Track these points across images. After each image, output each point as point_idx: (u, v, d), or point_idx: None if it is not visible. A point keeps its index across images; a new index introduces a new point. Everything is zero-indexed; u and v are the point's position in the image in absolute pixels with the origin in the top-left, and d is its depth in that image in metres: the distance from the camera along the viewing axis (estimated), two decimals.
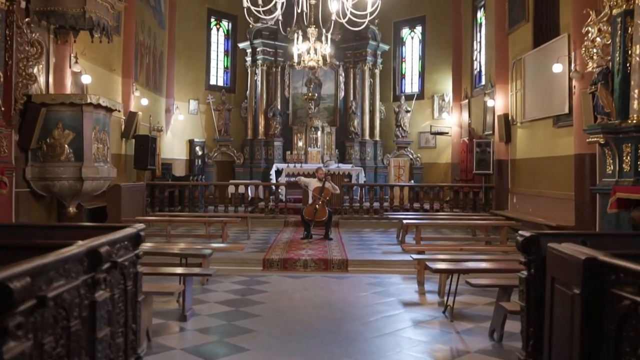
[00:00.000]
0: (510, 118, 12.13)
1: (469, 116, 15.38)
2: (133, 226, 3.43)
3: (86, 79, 9.54)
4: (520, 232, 3.51)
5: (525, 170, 11.45)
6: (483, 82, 14.61)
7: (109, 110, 8.57)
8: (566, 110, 9.37)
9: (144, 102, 12.97)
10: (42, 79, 8.60)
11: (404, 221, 9.19)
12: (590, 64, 7.90)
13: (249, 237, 10.48)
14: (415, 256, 6.62)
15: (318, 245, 9.58)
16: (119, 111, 8.90)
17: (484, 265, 5.78)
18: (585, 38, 7.89)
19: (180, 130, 16.90)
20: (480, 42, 15.08)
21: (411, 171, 16.25)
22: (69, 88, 9.23)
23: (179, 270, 5.32)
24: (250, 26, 17.54)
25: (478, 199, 13.12)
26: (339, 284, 7.20)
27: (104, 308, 2.77)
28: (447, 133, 16.56)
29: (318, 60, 11.02)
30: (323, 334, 4.98)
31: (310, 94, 15.16)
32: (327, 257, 8.39)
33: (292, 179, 15.21)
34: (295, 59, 11.37)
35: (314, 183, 10.66)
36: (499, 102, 12.43)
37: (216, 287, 6.87)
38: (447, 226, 10.90)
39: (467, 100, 15.60)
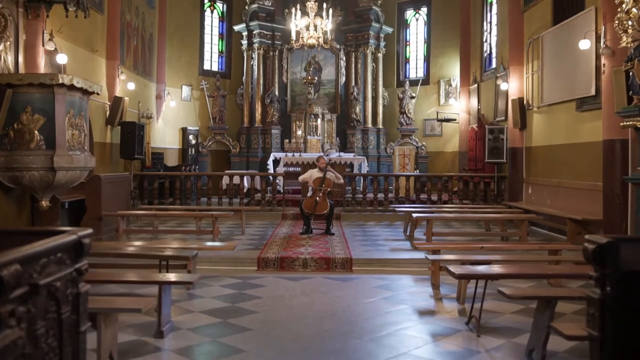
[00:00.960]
0: (525, 102, 11.24)
1: (479, 102, 14.48)
2: (72, 232, 2.57)
3: (62, 59, 8.64)
4: (589, 236, 2.65)
5: (542, 159, 10.58)
6: (494, 65, 13.70)
7: (85, 92, 7.66)
8: (592, 92, 8.48)
9: (131, 86, 12.06)
10: (10, 58, 7.72)
11: (414, 215, 8.33)
12: (624, 38, 7.00)
13: (244, 232, 9.64)
14: (431, 257, 5.77)
15: (319, 242, 8.74)
16: (98, 94, 8.01)
17: (514, 269, 4.92)
18: (619, 9, 7.00)
19: (172, 117, 16.00)
20: (490, 22, 14.14)
21: (416, 160, 15.37)
22: (42, 68, 8.34)
23: (153, 277, 4.47)
24: (246, 7, 16.65)
25: (489, 189, 12.27)
26: (342, 288, 6.36)
27: (15, 353, 1.92)
28: (455, 120, 15.67)
29: (318, 38, 10.08)
30: (326, 356, 4.14)
31: (309, 77, 14.22)
32: (329, 255, 7.55)
33: (291, 169, 14.40)
34: (293, 36, 10.41)
35: (314, 174, 9.79)
36: (513, 86, 11.53)
37: (203, 292, 6.02)
38: (461, 219, 10.05)
39: (476, 85, 14.69)
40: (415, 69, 17.57)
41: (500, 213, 9.26)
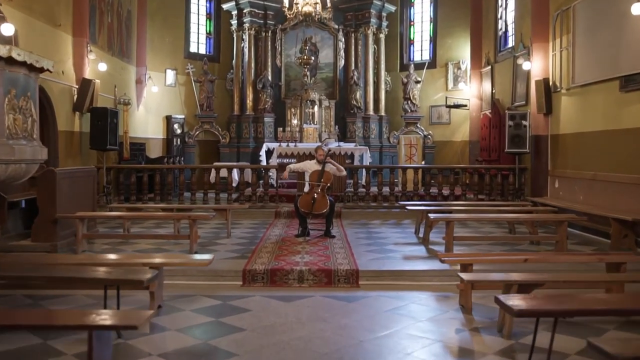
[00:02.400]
0: (551, 84, 9.88)
1: (492, 85, 13.10)
2: None
3: (7, 29, 7.21)
4: None
5: (572, 148, 9.24)
6: (511, 44, 12.32)
7: (33, 68, 6.27)
8: None
9: (102, 67, 10.62)
10: None
11: (431, 215, 6.97)
12: None
13: (229, 234, 8.27)
14: (466, 277, 4.40)
15: (317, 247, 7.38)
16: (50, 71, 6.60)
17: (596, 303, 3.55)
18: None
19: (155, 104, 14.57)
20: None
21: (423, 151, 14.00)
22: None
23: (82, 317, 3.09)
24: None
25: (507, 183, 10.92)
26: (349, 313, 5.01)
27: None
28: (466, 106, 14.29)
29: (316, 4, 8.63)
30: None
31: (305, 57, 12.75)
32: (330, 266, 6.20)
33: (286, 161, 13.03)
34: (286, 3, 8.94)
35: (311, 166, 8.44)
36: (536, 65, 10.16)
37: (169, 321, 4.67)
38: (486, 220, 8.68)
39: (489, 67, 13.30)
40: (421, 51, 16.16)
41: (530, 212, 7.92)
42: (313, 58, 13.94)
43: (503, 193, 10.99)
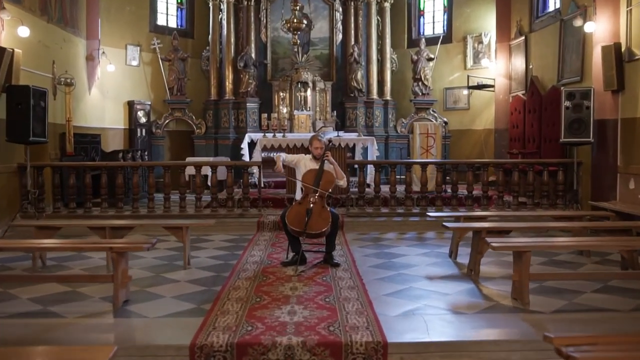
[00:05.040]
0: (623, 51, 7.41)
1: (527, 60, 10.60)
2: None
3: None
4: None
5: None
6: (553, 7, 9.84)
7: None
8: None
9: (24, 32, 7.97)
10: None
11: (493, 243, 4.43)
12: None
13: (188, 263, 5.75)
14: None
15: (315, 287, 4.87)
16: None
17: None
18: None
19: (113, 87, 11.96)
20: None
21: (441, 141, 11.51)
22: None
23: None
24: None
25: (555, 182, 8.47)
26: None
27: None
28: (492, 86, 11.80)
29: None
30: None
31: (296, 21, 10.10)
32: (339, 333, 3.69)
33: (272, 155, 10.53)
34: None
35: (306, 162, 5.93)
36: (602, 27, 7.68)
37: None
38: (580, 248, 6.02)
39: (522, 38, 10.78)
40: (433, 23, 13.62)
41: (626, 230, 5.44)
42: (305, 22, 11.25)
43: (549, 195, 8.55)
